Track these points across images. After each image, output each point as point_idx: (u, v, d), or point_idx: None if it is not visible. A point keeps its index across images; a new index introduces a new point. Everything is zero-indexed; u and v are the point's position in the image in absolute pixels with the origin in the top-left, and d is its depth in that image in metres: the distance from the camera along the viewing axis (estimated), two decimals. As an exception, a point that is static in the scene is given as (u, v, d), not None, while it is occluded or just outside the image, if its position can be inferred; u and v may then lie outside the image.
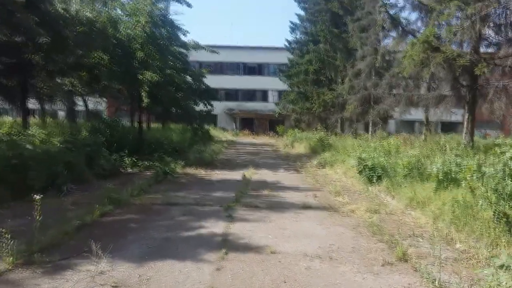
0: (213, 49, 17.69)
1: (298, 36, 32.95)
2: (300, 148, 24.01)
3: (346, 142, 19.49)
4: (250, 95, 48.37)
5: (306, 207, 7.61)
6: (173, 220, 6.37)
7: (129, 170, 12.79)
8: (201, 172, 12.82)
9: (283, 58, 36.11)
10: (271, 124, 44.77)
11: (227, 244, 5.17)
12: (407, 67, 10.26)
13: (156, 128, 28.44)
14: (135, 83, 14.48)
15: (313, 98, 28.75)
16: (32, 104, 26.79)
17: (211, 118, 45.91)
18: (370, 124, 22.78)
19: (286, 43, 33.95)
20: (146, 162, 13.05)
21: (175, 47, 16.16)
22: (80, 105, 31.00)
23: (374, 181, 10.04)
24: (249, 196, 8.65)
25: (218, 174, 12.56)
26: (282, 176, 12.54)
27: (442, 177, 7.44)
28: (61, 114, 30.62)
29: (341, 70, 26.78)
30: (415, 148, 11.86)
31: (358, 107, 23.27)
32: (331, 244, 5.33)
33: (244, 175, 11.64)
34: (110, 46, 14.88)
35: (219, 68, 47.96)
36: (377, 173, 10.06)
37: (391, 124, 37.66)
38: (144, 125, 27.05)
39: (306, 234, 5.77)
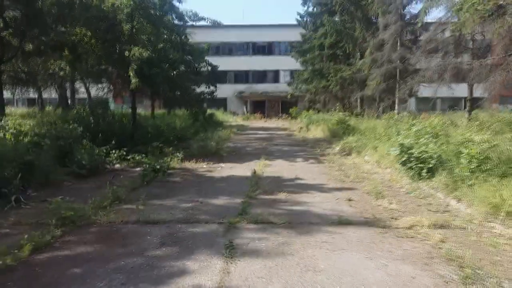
0: (216, 22, 15.17)
1: (310, 8, 29.99)
2: (317, 131, 21.53)
3: (370, 124, 17.00)
4: (260, 76, 45.67)
5: (342, 222, 5.28)
6: (142, 257, 4.13)
7: (117, 165, 10.64)
8: (203, 166, 10.58)
9: (295, 35, 33.28)
10: (283, 106, 42.20)
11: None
12: (468, 21, 7.68)
13: (161, 115, 26.42)
14: (122, 61, 12.21)
15: (330, 75, 26.13)
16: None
17: (220, 102, 43.69)
18: (396, 102, 20.14)
19: (298, 17, 31.03)
20: (137, 156, 10.83)
21: (169, 18, 13.75)
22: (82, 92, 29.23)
23: (424, 174, 7.64)
24: (260, 204, 6.36)
25: (223, 168, 10.30)
26: (301, 168, 10.21)
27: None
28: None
29: (360, 43, 24.01)
30: (470, 130, 9.36)
31: (381, 82, 20.65)
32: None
33: (254, 170, 9.33)
34: (93, 19, 12.61)
35: (228, 49, 45.47)
36: (428, 165, 7.66)
37: (411, 102, 34.76)
38: (145, 112, 25.06)
39: (354, 284, 3.48)
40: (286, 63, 40.48)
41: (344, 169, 9.94)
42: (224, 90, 44.08)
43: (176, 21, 15.02)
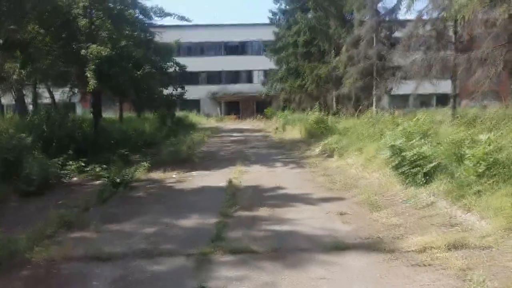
0: (184, 18, 14.01)
1: (283, 5, 29.17)
2: (294, 132, 20.72)
3: (348, 123, 16.31)
4: (234, 76, 44.55)
5: (338, 246, 4.34)
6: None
7: (74, 179, 9.38)
8: (172, 176, 9.47)
9: (268, 34, 32.34)
10: (258, 106, 41.25)
11: None
12: (467, 8, 6.94)
13: (130, 118, 24.91)
14: (79, 60, 10.94)
15: (305, 74, 25.37)
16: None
17: (193, 104, 42.28)
18: (374, 100, 19.55)
19: (270, 15, 30.16)
20: (97, 167, 9.58)
21: (132, 12, 12.50)
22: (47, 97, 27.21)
23: (419, 180, 6.84)
24: (237, 224, 5.36)
25: (195, 178, 9.23)
26: (282, 175, 9.29)
27: None
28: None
29: (335, 40, 23.37)
30: (461, 128, 8.69)
31: (358, 80, 20.04)
32: None
33: (230, 180, 8.30)
34: (46, 14, 11.28)
35: (200, 50, 44.15)
36: (424, 169, 6.87)
37: (384, 100, 34.60)
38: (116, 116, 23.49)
39: None
40: (260, 63, 39.56)
41: (329, 174, 9.08)
42: (197, 92, 42.72)
43: (140, 17, 13.80)
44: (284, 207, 6.21)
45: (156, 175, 9.55)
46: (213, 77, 44.36)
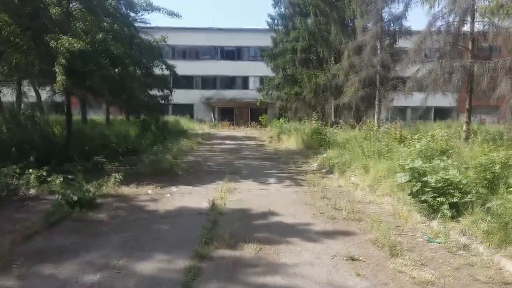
0: (172, 13, 12.65)
1: (282, 10, 28.03)
2: (290, 142, 19.43)
3: (348, 135, 15.05)
4: (229, 82, 43.21)
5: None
6: None
7: (32, 191, 7.94)
8: (147, 192, 8.05)
9: (265, 40, 31.16)
10: (253, 113, 39.98)
11: None
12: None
13: (119, 122, 23.42)
14: (47, 53, 9.56)
15: (303, 81, 24.15)
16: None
17: (187, 108, 40.83)
18: (376, 111, 18.31)
19: (269, 19, 28.97)
20: (60, 177, 8.12)
21: (113, 3, 11.14)
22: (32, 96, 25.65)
23: (445, 212, 5.52)
24: (215, 272, 3.97)
25: (173, 195, 7.83)
26: (276, 195, 7.91)
27: None
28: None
29: (335, 46, 22.20)
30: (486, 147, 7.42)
31: (360, 89, 18.85)
32: None
33: (213, 201, 6.90)
34: (13, 2, 9.93)
35: (195, 54, 42.87)
36: (451, 199, 5.55)
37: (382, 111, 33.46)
38: (97, 117, 21.98)
39: None
40: (256, 69, 38.47)
41: (330, 196, 7.72)
42: (191, 96, 41.42)
43: (124, 10, 12.47)
44: (276, 244, 4.84)
45: (129, 190, 8.12)
46: (208, 82, 43.06)
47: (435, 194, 5.70)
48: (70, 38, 9.09)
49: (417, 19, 27.93)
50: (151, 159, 11.92)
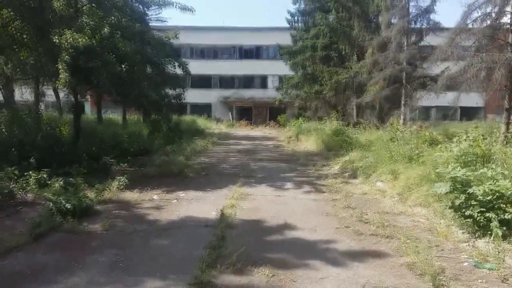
0: (185, 7, 12.00)
1: (302, 6, 27.10)
2: (309, 143, 18.54)
3: (372, 136, 14.10)
4: (247, 81, 42.50)
5: None
6: None
7: (29, 195, 7.38)
8: (152, 198, 7.38)
9: (284, 39, 30.22)
10: (271, 113, 39.15)
11: None
12: None
13: (135, 121, 22.98)
14: (50, 50, 9.04)
15: (323, 79, 23.19)
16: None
17: (205, 108, 40.42)
18: (402, 111, 17.21)
19: (288, 16, 28.11)
20: (61, 180, 7.55)
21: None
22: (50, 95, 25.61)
23: (496, 230, 4.60)
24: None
25: (180, 202, 7.12)
26: (293, 203, 7.11)
27: None
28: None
29: (358, 43, 21.14)
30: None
31: (384, 87, 17.77)
32: None
33: (222, 211, 6.15)
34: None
35: (213, 53, 42.40)
36: (503, 215, 4.63)
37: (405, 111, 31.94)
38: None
39: None
40: (275, 68, 37.66)
41: (355, 205, 6.86)
42: (209, 96, 41.00)
43: (136, 5, 11.89)
44: (293, 268, 4.04)
45: (133, 194, 7.48)
46: (226, 81, 42.50)
47: (482, 209, 4.78)
48: (74, 33, 8.54)
49: (445, 15, 26.55)
50: (162, 160, 11.35)
